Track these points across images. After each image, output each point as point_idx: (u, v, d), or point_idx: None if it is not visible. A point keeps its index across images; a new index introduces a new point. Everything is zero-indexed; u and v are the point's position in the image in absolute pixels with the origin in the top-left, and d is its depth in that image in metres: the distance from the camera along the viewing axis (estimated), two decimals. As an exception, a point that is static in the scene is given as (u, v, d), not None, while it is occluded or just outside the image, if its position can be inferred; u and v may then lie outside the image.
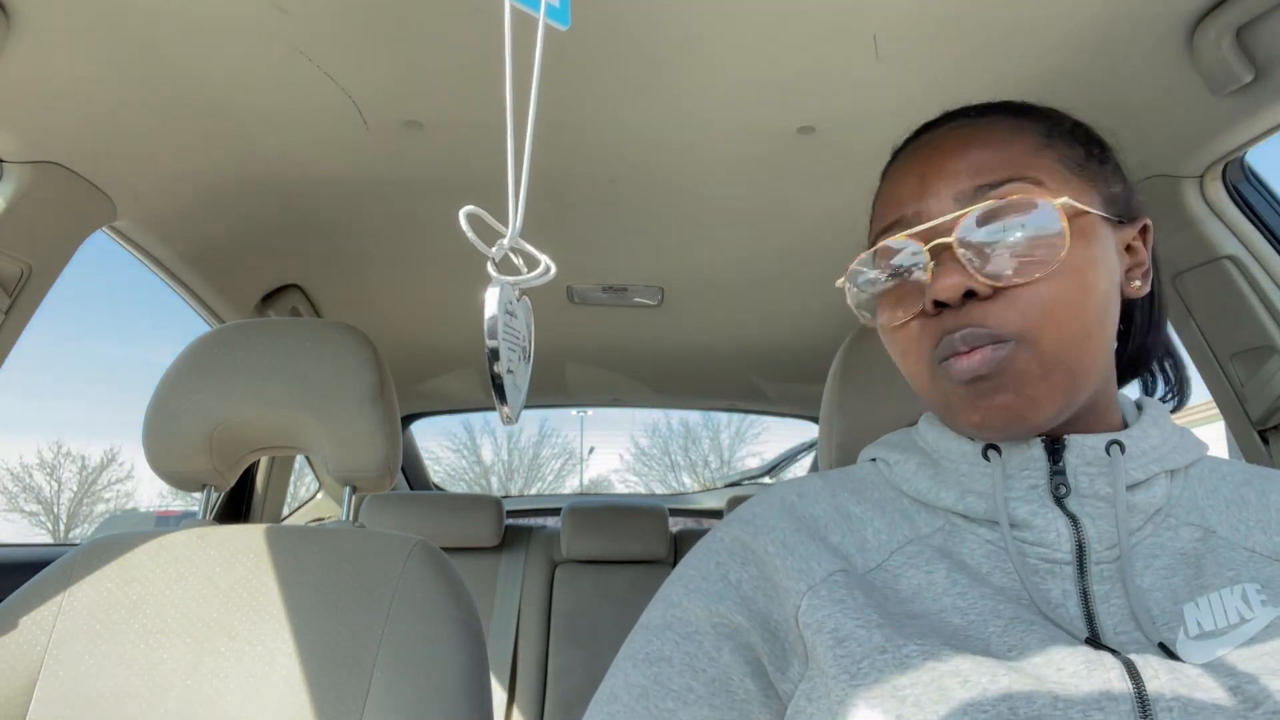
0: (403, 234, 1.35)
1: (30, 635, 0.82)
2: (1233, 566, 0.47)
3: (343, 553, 0.89)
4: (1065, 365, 0.47)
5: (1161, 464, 0.51)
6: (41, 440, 23.35)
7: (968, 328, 0.48)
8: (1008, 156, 0.50)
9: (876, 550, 0.51)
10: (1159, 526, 0.49)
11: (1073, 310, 0.47)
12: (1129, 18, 0.80)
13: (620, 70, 0.90)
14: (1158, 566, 0.47)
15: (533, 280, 0.43)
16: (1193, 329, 1.09)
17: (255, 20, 0.80)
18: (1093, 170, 0.52)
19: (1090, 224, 0.49)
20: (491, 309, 0.42)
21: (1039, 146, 0.51)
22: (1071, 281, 0.47)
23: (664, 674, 0.49)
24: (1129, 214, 0.54)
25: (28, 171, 0.93)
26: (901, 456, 0.56)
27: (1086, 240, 0.49)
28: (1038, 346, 0.47)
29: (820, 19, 0.81)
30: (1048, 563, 0.48)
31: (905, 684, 0.42)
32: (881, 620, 0.45)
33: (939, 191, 0.51)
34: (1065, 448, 0.50)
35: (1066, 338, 0.47)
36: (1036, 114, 0.55)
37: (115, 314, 22.85)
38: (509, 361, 0.42)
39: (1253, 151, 0.97)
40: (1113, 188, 0.53)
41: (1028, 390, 0.47)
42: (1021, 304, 0.47)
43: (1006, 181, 0.49)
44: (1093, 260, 0.49)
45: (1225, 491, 0.52)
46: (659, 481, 16.24)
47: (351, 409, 0.94)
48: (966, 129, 0.53)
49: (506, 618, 2.06)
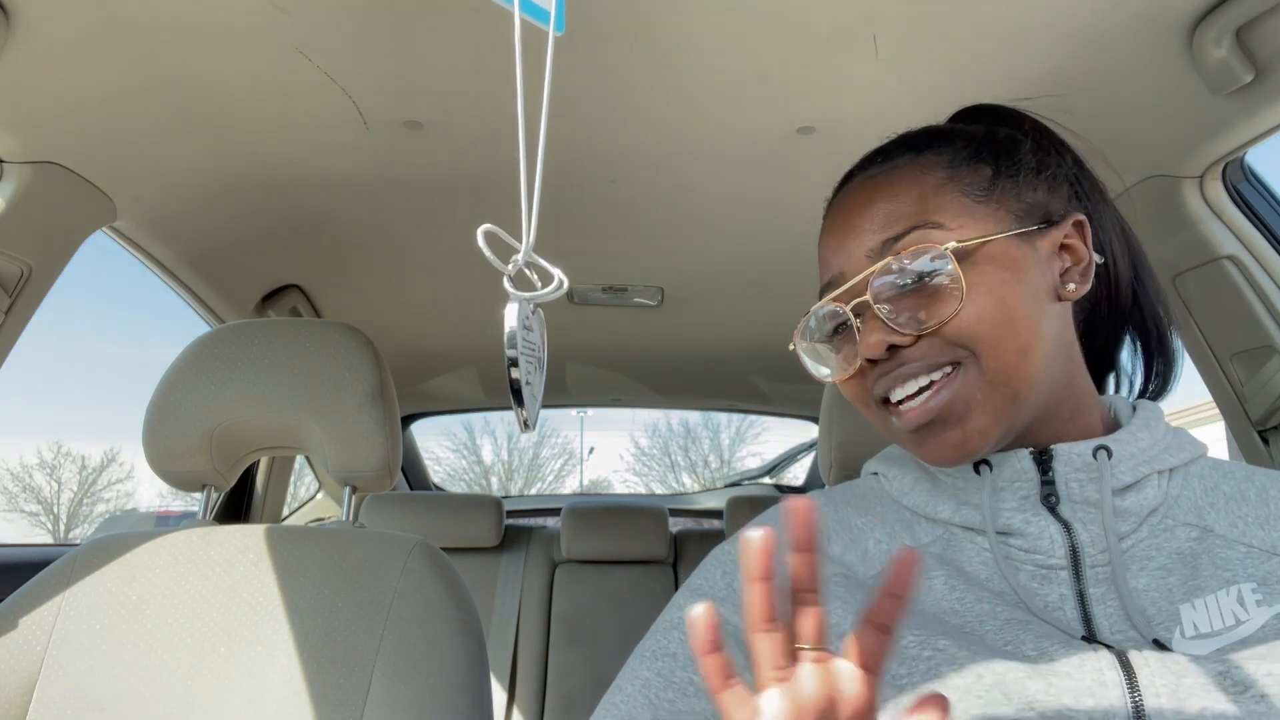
0: (403, 234, 1.35)
1: (30, 635, 0.82)
2: (1229, 566, 0.47)
3: (343, 553, 0.89)
4: (1006, 386, 0.49)
5: (1153, 465, 0.51)
6: (41, 440, 23.36)
7: (897, 373, 0.51)
8: (910, 203, 0.53)
9: (878, 558, 0.53)
10: (1155, 528, 0.50)
11: (1002, 331, 0.49)
12: (1129, 18, 0.80)
13: (620, 70, 0.90)
14: (1153, 567, 0.48)
15: (546, 295, 0.45)
16: (1193, 329, 1.09)
17: (255, 20, 0.80)
18: (1001, 189, 0.53)
19: (996, 248, 0.51)
20: (511, 323, 0.44)
21: (941, 184, 0.53)
22: (986, 306, 0.49)
23: (668, 668, 0.52)
24: (1053, 217, 0.54)
25: (28, 171, 0.93)
26: (900, 470, 0.58)
27: (996, 264, 0.50)
28: (978, 366, 0.49)
29: (820, 19, 0.81)
30: (1044, 569, 0.49)
31: (902, 673, 0.45)
32: None
33: (853, 251, 0.54)
34: (1053, 457, 0.51)
35: (1004, 356, 0.49)
36: (942, 142, 0.56)
37: (115, 314, 22.86)
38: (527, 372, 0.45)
39: (1253, 151, 0.97)
40: (1027, 198, 0.54)
41: (971, 423, 0.50)
42: (952, 337, 0.49)
43: (908, 232, 0.51)
44: (1006, 281, 0.50)
45: (1225, 488, 0.52)
46: (659, 482, 16.26)
47: (351, 409, 0.94)
48: (875, 179, 0.56)
49: (506, 618, 2.06)
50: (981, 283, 0.49)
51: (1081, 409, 0.54)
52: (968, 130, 0.58)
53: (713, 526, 2.67)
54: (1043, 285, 0.52)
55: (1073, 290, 0.53)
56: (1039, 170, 0.55)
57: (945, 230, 0.51)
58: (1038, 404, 0.51)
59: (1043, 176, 0.55)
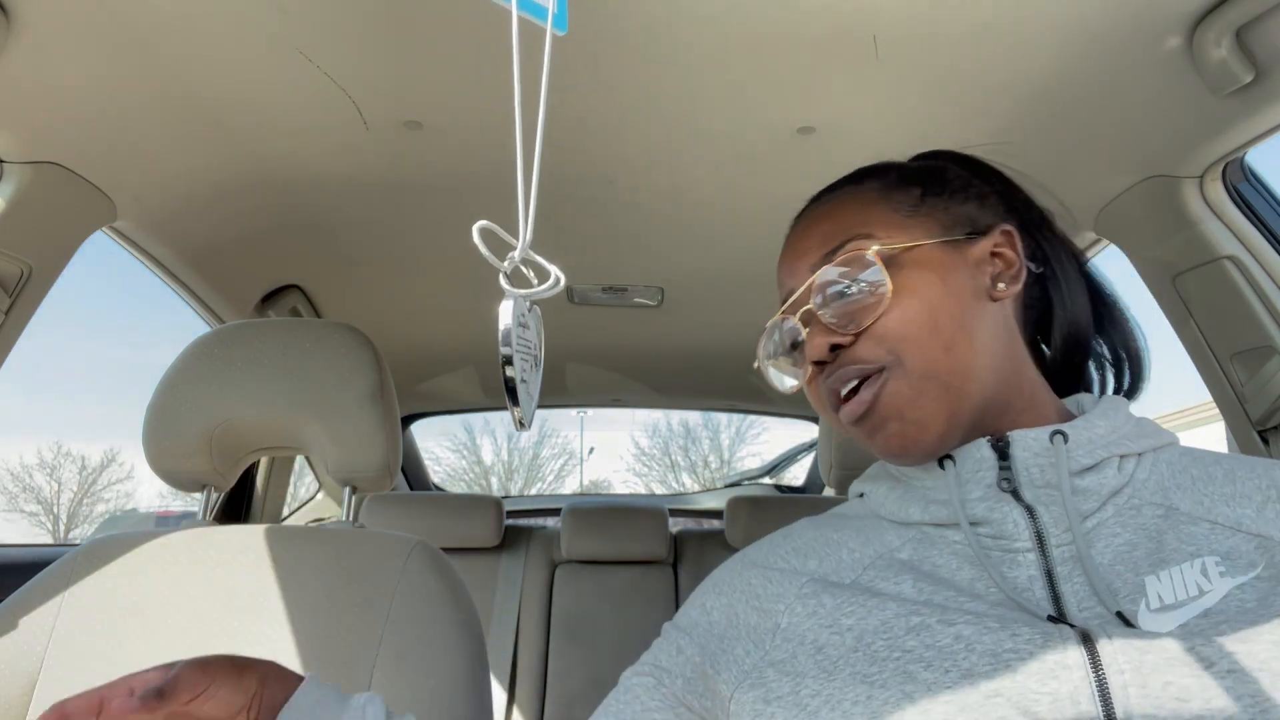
0: (403, 234, 1.35)
1: (30, 635, 0.82)
2: (1194, 541, 0.49)
3: (343, 553, 0.89)
4: (935, 379, 0.54)
5: (1111, 449, 0.54)
6: (41, 440, 23.36)
7: (838, 373, 0.57)
8: (846, 221, 0.59)
9: (850, 567, 0.57)
10: (1121, 507, 0.52)
11: (924, 329, 0.54)
12: (1129, 18, 0.80)
13: (620, 70, 0.90)
14: (1118, 544, 0.51)
15: (543, 293, 0.45)
16: (1193, 329, 1.09)
17: (255, 21, 0.80)
18: (930, 205, 0.60)
19: (923, 254, 0.57)
20: (506, 320, 0.44)
21: (873, 202, 0.60)
22: (912, 306, 0.55)
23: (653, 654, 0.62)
24: (981, 227, 0.60)
25: (28, 171, 0.93)
26: (875, 485, 0.63)
27: (921, 268, 0.56)
28: (903, 367, 0.54)
29: (820, 19, 0.81)
30: (1010, 552, 0.52)
31: (874, 672, 0.48)
32: (849, 621, 0.51)
33: (800, 269, 0.61)
34: (1010, 444, 0.54)
35: (927, 353, 0.54)
36: (876, 173, 0.63)
37: (115, 314, 22.86)
38: (522, 370, 0.44)
39: (1253, 151, 0.97)
40: (955, 211, 0.60)
41: (908, 414, 0.54)
42: (878, 338, 0.55)
43: (844, 244, 0.58)
44: (930, 283, 0.56)
45: (1194, 471, 0.54)
46: (659, 482, 16.25)
47: (351, 409, 0.94)
48: (820, 206, 0.63)
49: (506, 618, 2.06)
50: (907, 285, 0.55)
51: (1035, 401, 0.58)
52: (901, 163, 0.65)
53: (713, 526, 2.66)
54: (970, 287, 0.57)
55: (1003, 290, 0.58)
56: (965, 188, 0.61)
57: (876, 239, 0.57)
58: (980, 395, 0.55)
59: (970, 193, 0.61)
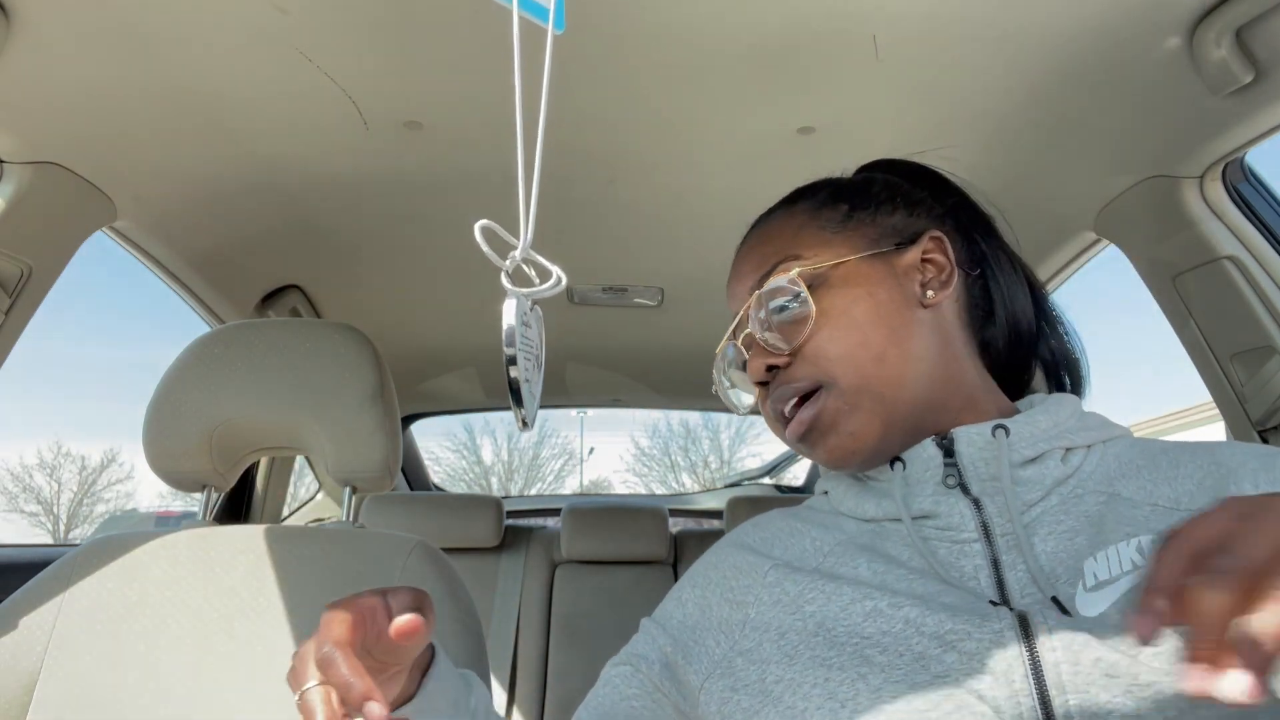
0: (403, 234, 1.35)
1: (30, 635, 0.82)
2: (1133, 523, 0.50)
3: (343, 553, 0.89)
4: (868, 392, 0.56)
5: (1054, 442, 0.55)
6: (41, 440, 23.34)
7: (777, 394, 0.59)
8: (777, 244, 0.62)
9: (813, 554, 0.59)
10: (1065, 496, 0.54)
11: (852, 345, 0.56)
12: (1129, 18, 0.80)
13: (621, 72, 0.90)
14: (1061, 531, 0.52)
15: (545, 292, 0.45)
16: (1193, 329, 1.09)
17: (255, 21, 0.80)
18: (857, 220, 0.62)
19: (849, 270, 0.59)
20: (509, 320, 0.44)
21: (803, 224, 0.62)
22: (840, 323, 0.57)
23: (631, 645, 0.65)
24: (909, 235, 0.61)
25: (28, 171, 0.93)
26: (837, 483, 0.64)
27: (848, 285, 0.58)
28: (837, 385, 0.56)
29: (820, 20, 0.81)
30: (959, 543, 0.54)
31: (832, 655, 0.51)
32: (811, 608, 0.54)
33: (741, 293, 0.63)
34: (955, 440, 0.56)
35: (859, 368, 0.56)
36: (807, 193, 0.66)
37: (115, 315, 22.85)
38: (525, 370, 0.45)
39: (1253, 152, 0.97)
40: (882, 223, 0.62)
41: (845, 427, 0.57)
42: (810, 358, 0.57)
43: (775, 266, 0.60)
44: (857, 298, 0.58)
45: (1140, 461, 0.55)
46: (659, 482, 16.25)
47: (351, 409, 0.94)
48: (758, 230, 0.67)
49: (506, 618, 2.06)
50: (834, 304, 0.57)
51: (975, 400, 0.60)
52: (832, 180, 0.67)
53: (713, 526, 2.67)
54: (900, 296, 0.59)
55: (934, 296, 0.59)
56: (893, 198, 0.63)
57: (804, 260, 0.59)
58: (915, 400, 0.57)
59: (898, 203, 0.63)
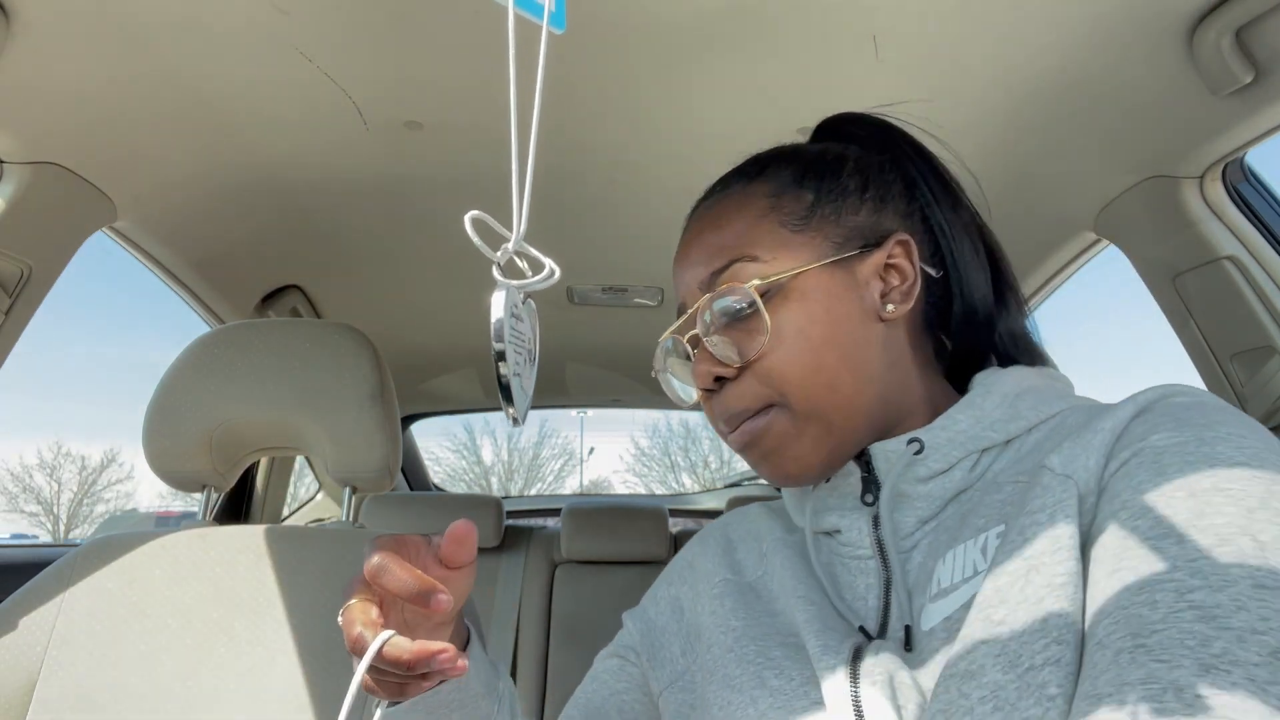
0: (403, 234, 1.35)
1: (30, 635, 0.82)
2: (986, 514, 0.47)
3: (343, 553, 0.89)
4: (819, 418, 0.52)
5: (969, 446, 0.51)
6: (41, 440, 23.34)
7: (724, 406, 0.55)
8: (733, 235, 0.55)
9: (756, 564, 0.60)
10: (965, 505, 0.50)
11: (806, 370, 0.52)
12: (1129, 18, 0.80)
13: (620, 71, 0.90)
14: (942, 543, 0.50)
15: (537, 284, 0.44)
16: (1193, 329, 1.08)
17: (255, 21, 0.80)
18: (821, 216, 0.55)
19: (808, 281, 0.53)
20: (498, 312, 0.42)
21: (762, 214, 0.55)
22: (794, 344, 0.52)
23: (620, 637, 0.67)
24: (876, 237, 0.55)
25: (28, 172, 0.93)
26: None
27: (805, 299, 0.52)
28: (788, 408, 0.52)
29: (820, 20, 0.81)
30: (855, 559, 0.54)
31: (737, 674, 0.51)
32: (736, 624, 0.55)
33: (689, 282, 0.57)
34: (872, 457, 0.54)
35: (810, 393, 0.52)
36: (770, 170, 0.58)
37: (115, 315, 22.85)
38: (515, 364, 0.43)
39: (1253, 152, 0.97)
40: (848, 222, 0.55)
41: (789, 451, 0.53)
42: (761, 376, 0.52)
43: (729, 265, 0.54)
44: (814, 317, 0.52)
45: (1072, 422, 0.49)
46: (659, 482, 16.24)
47: (351, 409, 0.94)
48: (711, 208, 0.59)
49: (506, 618, 2.06)
50: (789, 321, 0.52)
51: (920, 409, 0.55)
52: (800, 152, 0.59)
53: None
54: (858, 310, 0.54)
55: (892, 311, 0.54)
56: (863, 191, 0.56)
57: (760, 263, 0.53)
58: (867, 422, 0.53)
59: (867, 197, 0.56)
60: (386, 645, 0.41)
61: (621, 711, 0.62)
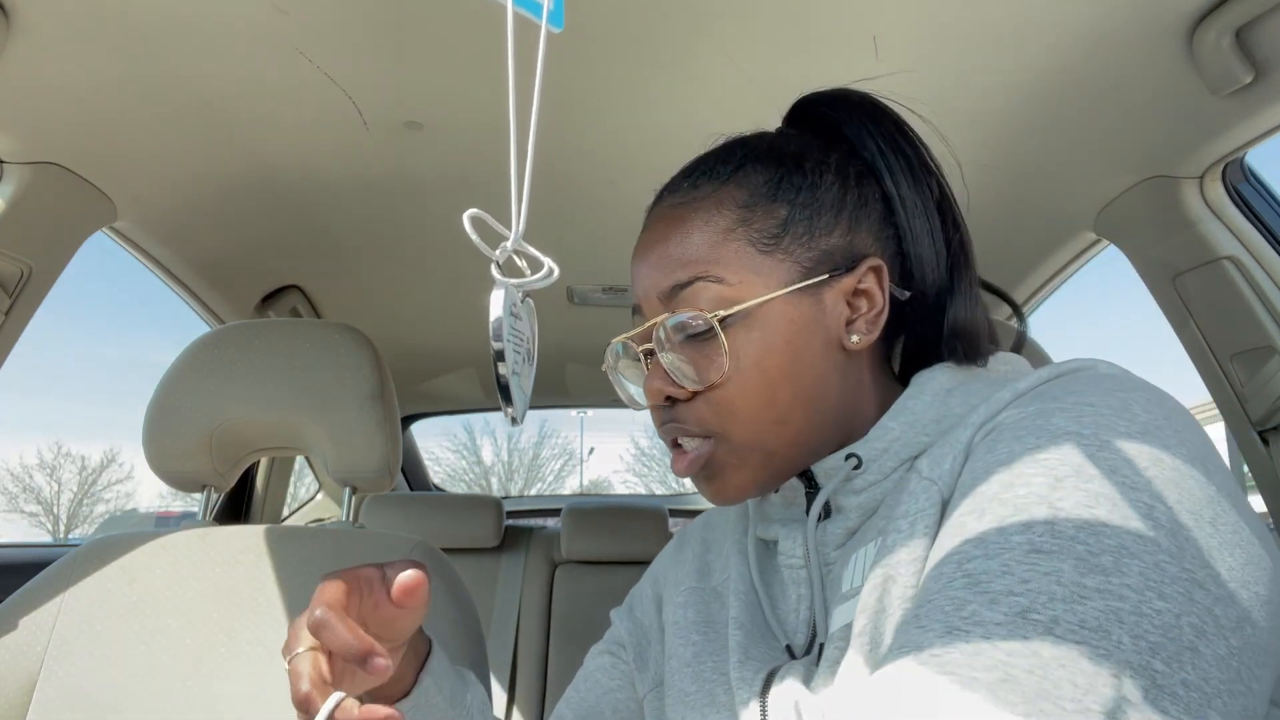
0: (403, 234, 1.35)
1: (30, 635, 0.82)
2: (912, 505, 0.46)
3: (343, 553, 0.89)
4: (761, 450, 0.51)
5: (900, 454, 0.50)
6: (41, 440, 23.34)
7: (672, 424, 0.53)
8: (699, 248, 0.52)
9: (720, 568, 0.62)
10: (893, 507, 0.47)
11: (757, 405, 0.50)
12: (1129, 18, 0.80)
13: (620, 71, 0.90)
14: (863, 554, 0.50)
15: (536, 282, 0.43)
16: (1193, 329, 1.08)
17: (255, 21, 0.80)
18: (793, 235, 0.51)
19: (773, 310, 0.50)
20: (496, 311, 0.42)
21: (731, 229, 0.52)
22: (750, 377, 0.49)
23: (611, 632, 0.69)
24: (850, 260, 0.52)
25: (28, 172, 0.93)
26: None
27: (766, 329, 0.50)
28: (730, 441, 0.51)
29: (820, 20, 0.81)
30: (790, 568, 0.54)
31: (692, 690, 0.54)
32: (697, 637, 0.57)
33: (648, 288, 0.54)
34: (814, 474, 0.53)
35: (757, 430, 0.50)
36: (745, 170, 0.54)
37: (115, 315, 22.85)
38: (514, 363, 0.43)
39: (1253, 152, 0.97)
40: (820, 243, 0.52)
41: (730, 479, 0.52)
42: (712, 405, 0.51)
43: (692, 282, 0.51)
44: (774, 350, 0.50)
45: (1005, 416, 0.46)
46: (659, 482, 16.24)
47: (351, 409, 0.94)
48: (678, 209, 0.55)
49: (506, 618, 2.06)
50: (748, 352, 0.50)
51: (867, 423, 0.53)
52: (779, 152, 0.56)
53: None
54: (820, 342, 0.51)
55: (857, 342, 0.52)
56: (838, 209, 0.53)
57: (726, 285, 0.50)
58: (814, 447, 0.52)
59: (843, 215, 0.53)
60: (336, 710, 0.40)
61: (615, 710, 0.63)
